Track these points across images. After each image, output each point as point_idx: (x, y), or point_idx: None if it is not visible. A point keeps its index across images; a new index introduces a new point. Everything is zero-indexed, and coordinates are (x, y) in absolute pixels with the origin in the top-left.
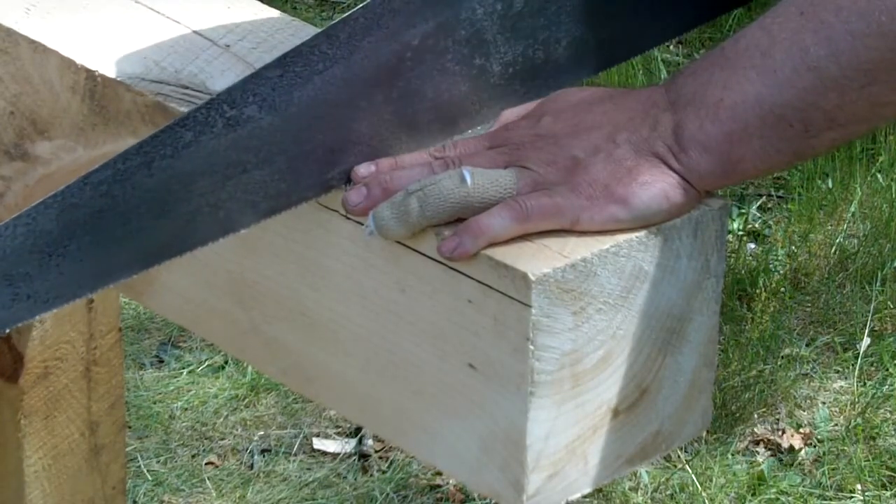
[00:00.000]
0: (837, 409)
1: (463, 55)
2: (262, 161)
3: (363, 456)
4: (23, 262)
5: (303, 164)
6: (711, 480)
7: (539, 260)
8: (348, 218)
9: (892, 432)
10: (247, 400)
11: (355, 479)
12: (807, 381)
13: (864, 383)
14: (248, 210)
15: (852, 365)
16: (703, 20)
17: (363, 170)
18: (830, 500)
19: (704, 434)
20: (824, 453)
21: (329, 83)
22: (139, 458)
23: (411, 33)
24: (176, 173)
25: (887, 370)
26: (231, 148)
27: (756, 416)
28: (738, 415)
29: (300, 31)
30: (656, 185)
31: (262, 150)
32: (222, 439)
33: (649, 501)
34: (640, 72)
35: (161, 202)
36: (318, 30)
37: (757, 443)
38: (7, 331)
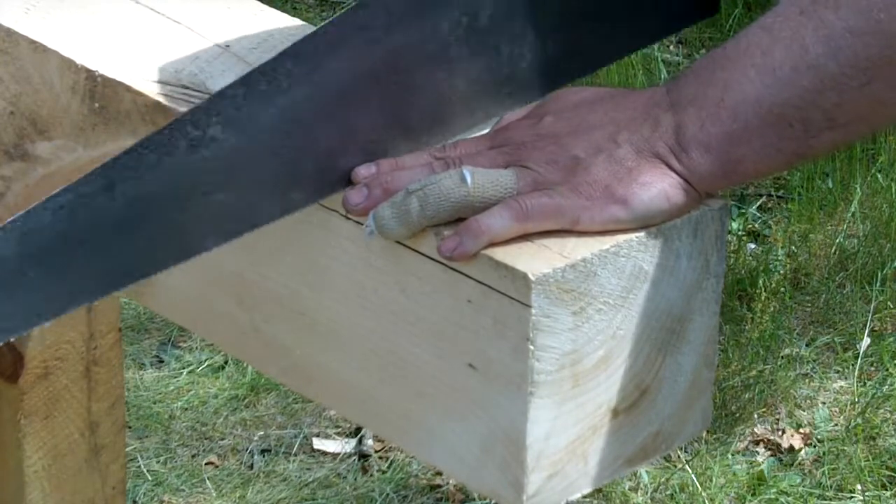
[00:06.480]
0: (837, 409)
1: (429, 72)
2: (225, 182)
3: (363, 456)
4: None
5: (266, 185)
6: (711, 480)
7: (539, 260)
8: (348, 218)
9: (892, 432)
10: (247, 400)
11: (355, 479)
12: (807, 381)
13: (864, 383)
14: (209, 233)
15: (852, 365)
16: (667, 32)
17: (364, 170)
18: (830, 500)
19: (704, 434)
20: (824, 453)
21: (294, 102)
22: (139, 458)
23: (377, 49)
24: (139, 196)
25: (887, 370)
26: (194, 169)
27: (756, 416)
28: (738, 415)
29: (300, 32)
30: (657, 186)
31: (226, 171)
32: (222, 439)
33: (649, 501)
34: (641, 72)
35: (123, 226)
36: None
37: (757, 443)
38: None
